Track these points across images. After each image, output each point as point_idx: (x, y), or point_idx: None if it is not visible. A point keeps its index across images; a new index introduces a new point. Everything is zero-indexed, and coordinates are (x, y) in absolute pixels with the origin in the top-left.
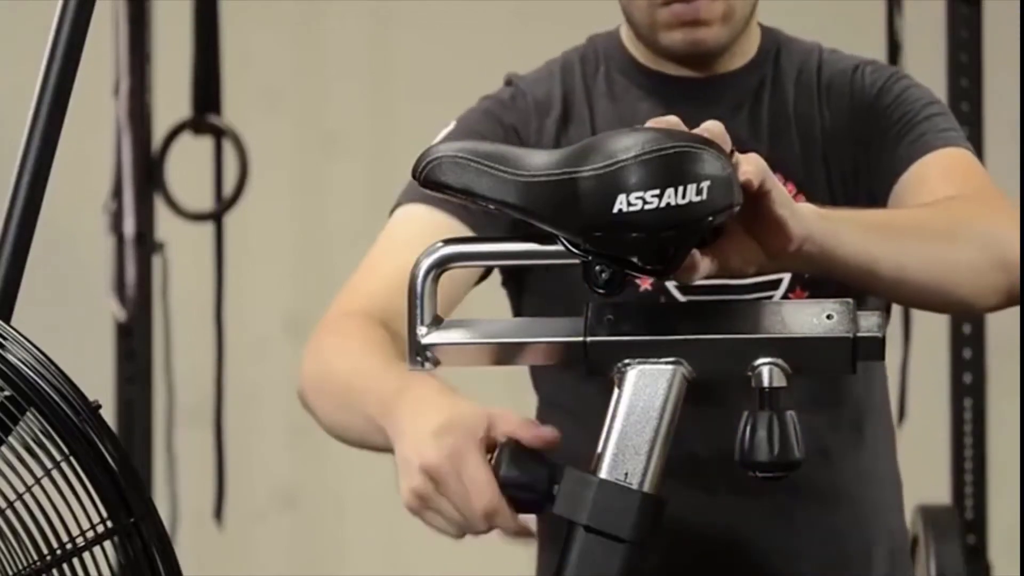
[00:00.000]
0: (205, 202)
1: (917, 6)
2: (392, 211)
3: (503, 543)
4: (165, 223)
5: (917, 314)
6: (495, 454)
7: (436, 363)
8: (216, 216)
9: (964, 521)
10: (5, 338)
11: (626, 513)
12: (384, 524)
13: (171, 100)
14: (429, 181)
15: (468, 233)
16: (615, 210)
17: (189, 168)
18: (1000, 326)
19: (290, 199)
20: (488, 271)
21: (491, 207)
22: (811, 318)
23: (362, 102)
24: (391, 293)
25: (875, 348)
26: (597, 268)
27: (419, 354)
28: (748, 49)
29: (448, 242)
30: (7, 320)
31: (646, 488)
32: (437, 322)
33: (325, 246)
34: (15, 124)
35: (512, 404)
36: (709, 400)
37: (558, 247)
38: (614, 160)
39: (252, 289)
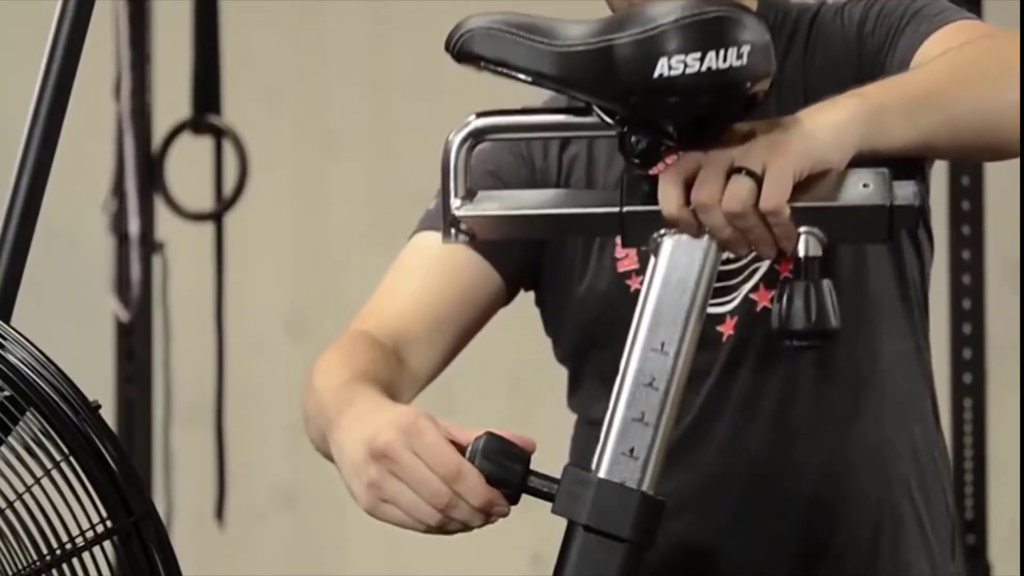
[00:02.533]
0: (205, 202)
1: None
2: (410, 238)
3: (500, 541)
4: (165, 223)
5: None
6: (468, 448)
7: (471, 235)
8: (216, 216)
9: (964, 521)
10: (5, 338)
11: (626, 512)
12: (384, 524)
13: (171, 100)
14: (463, 53)
15: (483, 262)
16: (656, 74)
17: (189, 168)
18: (1000, 326)
19: (290, 199)
20: (512, 294)
21: (527, 79)
22: (848, 187)
23: (362, 102)
24: (402, 318)
25: (910, 217)
26: (633, 139)
27: (453, 226)
28: None
29: (481, 114)
30: (7, 320)
31: (645, 488)
32: (471, 195)
33: (325, 246)
34: (15, 124)
35: (512, 406)
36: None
37: (592, 118)
38: (655, 24)
39: (252, 289)
